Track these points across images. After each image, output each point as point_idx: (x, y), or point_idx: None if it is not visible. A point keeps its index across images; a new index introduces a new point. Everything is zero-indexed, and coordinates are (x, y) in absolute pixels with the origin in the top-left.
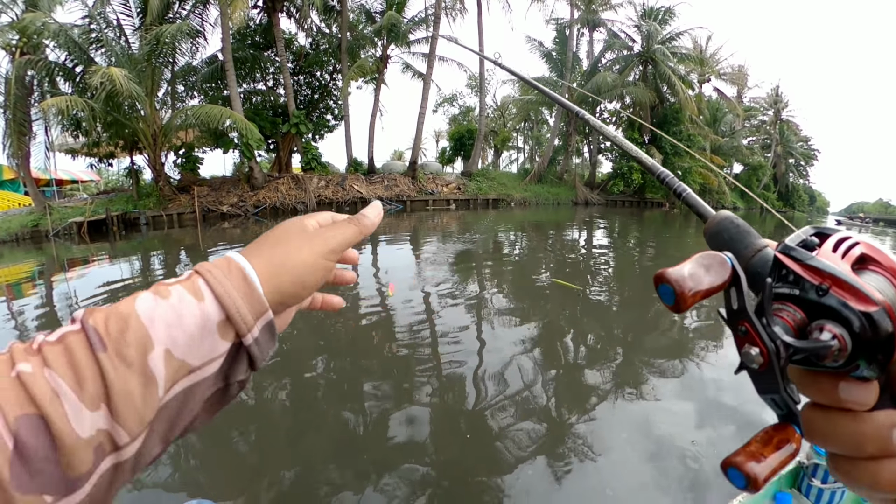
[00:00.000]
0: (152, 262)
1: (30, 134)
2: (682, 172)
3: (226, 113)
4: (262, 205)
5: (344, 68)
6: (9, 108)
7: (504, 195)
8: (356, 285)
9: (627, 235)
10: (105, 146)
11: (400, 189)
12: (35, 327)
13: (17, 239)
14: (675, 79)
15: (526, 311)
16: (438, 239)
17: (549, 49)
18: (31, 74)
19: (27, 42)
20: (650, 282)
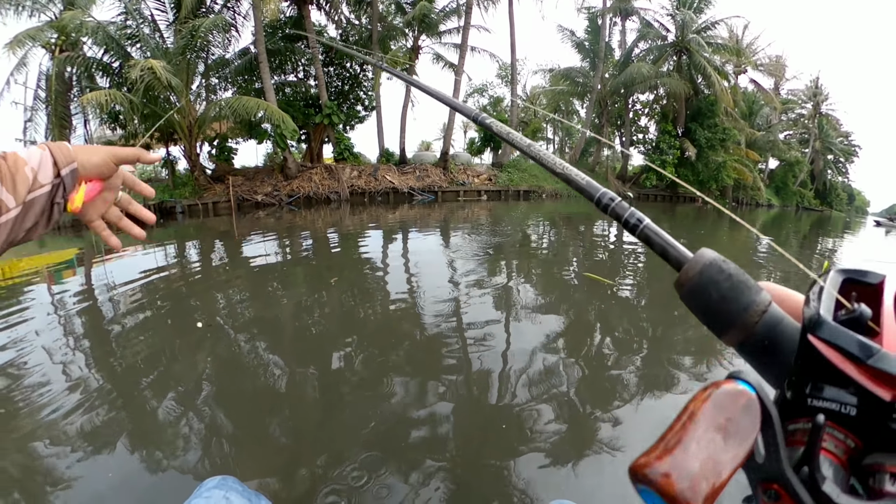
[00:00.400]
0: (188, 249)
1: (70, 128)
2: (715, 167)
3: (261, 104)
4: (295, 194)
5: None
6: (50, 104)
7: (535, 187)
8: (385, 272)
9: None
10: (141, 138)
11: (431, 180)
12: (76, 311)
13: (59, 227)
14: (710, 69)
15: (553, 304)
16: (468, 230)
17: (581, 39)
18: (69, 71)
19: (66, 40)
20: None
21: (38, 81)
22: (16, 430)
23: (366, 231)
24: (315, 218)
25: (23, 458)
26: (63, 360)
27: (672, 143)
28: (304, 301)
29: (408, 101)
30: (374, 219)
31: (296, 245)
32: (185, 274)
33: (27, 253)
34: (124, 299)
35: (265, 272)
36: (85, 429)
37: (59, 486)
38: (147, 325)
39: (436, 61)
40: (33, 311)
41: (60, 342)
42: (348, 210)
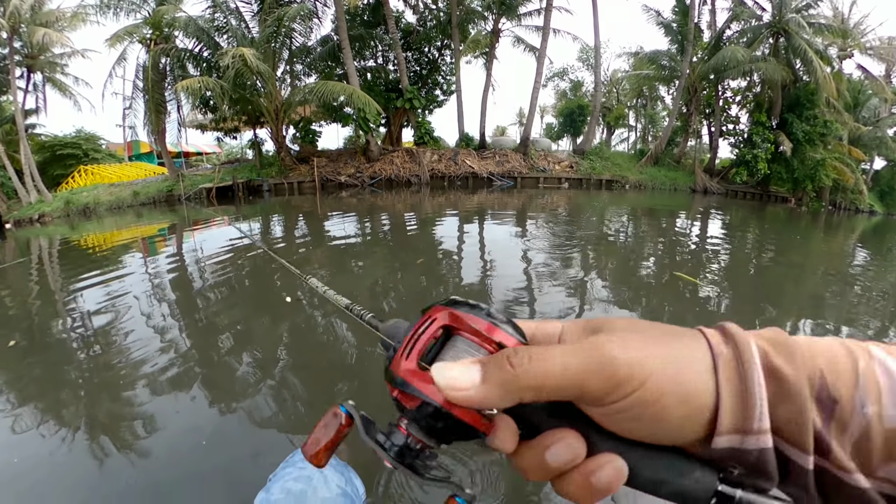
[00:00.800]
0: (273, 223)
1: (165, 113)
2: (812, 165)
3: (347, 89)
4: (377, 176)
5: (455, 43)
6: (147, 92)
7: (618, 176)
8: (459, 257)
9: (747, 232)
10: (230, 121)
11: (511, 165)
12: (170, 280)
13: (154, 202)
14: (811, 53)
15: (630, 300)
16: (547, 218)
17: (668, 20)
18: (163, 62)
19: (159, 34)
20: (765, 283)
21: (135, 73)
22: (108, 376)
23: (444, 215)
24: (395, 200)
25: (112, 402)
26: (152, 317)
27: (766, 136)
28: (380, 280)
29: (488, 85)
30: (453, 203)
31: (376, 225)
32: (269, 246)
33: (125, 225)
34: (210, 267)
35: (346, 249)
36: (172, 380)
37: (149, 431)
38: (229, 292)
39: (516, 44)
40: (129, 274)
41: (151, 303)
42: (428, 193)
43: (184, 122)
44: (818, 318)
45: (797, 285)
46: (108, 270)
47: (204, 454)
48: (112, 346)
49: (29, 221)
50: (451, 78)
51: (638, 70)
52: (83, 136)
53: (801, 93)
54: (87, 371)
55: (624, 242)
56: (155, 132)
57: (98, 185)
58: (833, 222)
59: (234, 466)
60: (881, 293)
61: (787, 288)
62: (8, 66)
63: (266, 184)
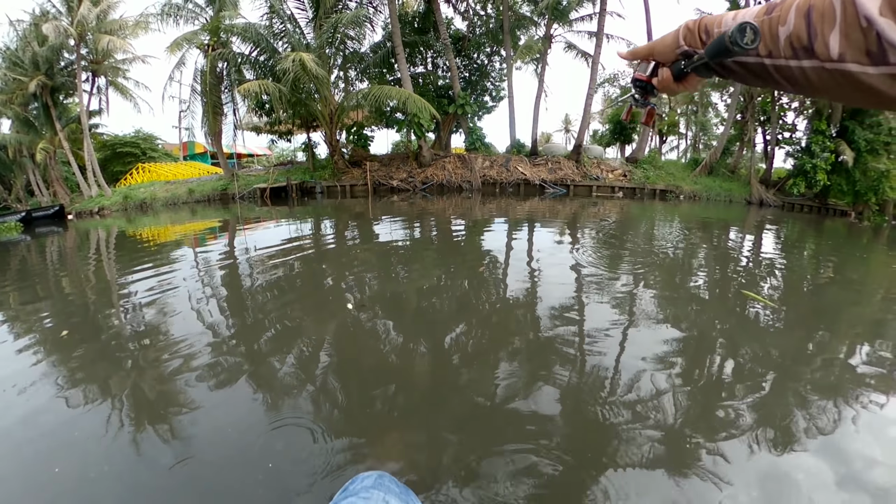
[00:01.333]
0: (324, 225)
1: (221, 115)
2: (876, 176)
3: (403, 93)
4: (429, 181)
5: (507, 49)
6: (205, 95)
7: (672, 186)
8: (506, 265)
9: (804, 247)
10: (284, 124)
11: (564, 173)
12: (221, 275)
13: (209, 199)
14: None
15: (674, 317)
16: (599, 229)
17: None
18: (220, 66)
19: (217, 40)
20: (822, 303)
21: (194, 77)
22: (157, 368)
23: (494, 222)
24: (447, 206)
25: (159, 392)
26: (200, 310)
27: (825, 145)
28: (425, 286)
29: (541, 91)
30: (504, 210)
31: (426, 230)
32: (319, 246)
33: (179, 220)
34: (258, 264)
35: (395, 252)
36: (214, 374)
37: (194, 424)
38: (277, 290)
39: (567, 50)
40: (181, 268)
41: (200, 296)
42: (479, 200)
43: (240, 124)
44: (876, 340)
45: (857, 306)
46: (162, 263)
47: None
48: (161, 339)
49: (89, 214)
50: (500, 84)
51: None
52: (141, 136)
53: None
54: (134, 366)
55: (681, 256)
56: (212, 133)
57: (154, 182)
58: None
59: (285, 485)
60: None
61: (846, 308)
62: (75, 71)
63: (319, 186)
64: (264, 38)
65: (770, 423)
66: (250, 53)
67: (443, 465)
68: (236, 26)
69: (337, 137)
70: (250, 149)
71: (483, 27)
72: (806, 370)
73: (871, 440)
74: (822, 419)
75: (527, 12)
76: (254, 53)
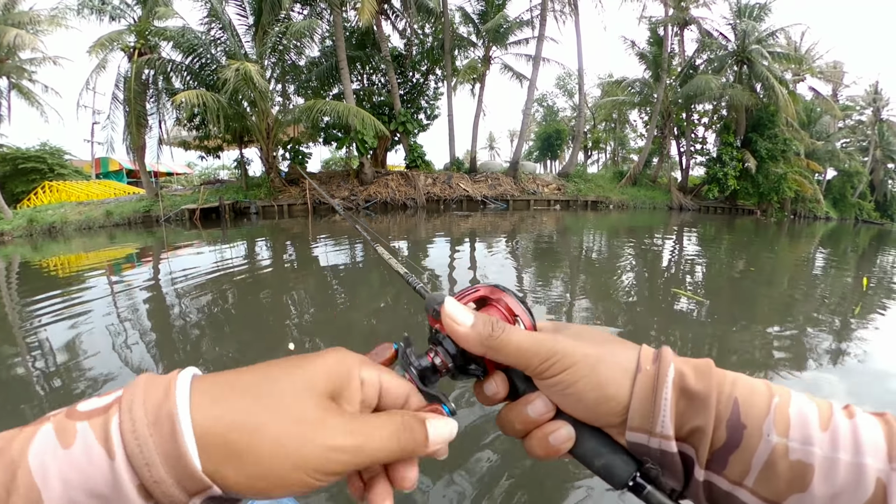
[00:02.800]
0: (259, 248)
1: (146, 127)
2: (776, 179)
3: (351, 109)
4: (373, 199)
5: (448, 68)
6: (130, 104)
7: (602, 197)
8: (453, 276)
9: (721, 244)
10: (214, 140)
11: (503, 188)
12: (146, 310)
13: (129, 223)
14: (773, 80)
15: (615, 314)
16: (538, 239)
17: (643, 49)
18: (146, 73)
19: (144, 43)
20: (741, 293)
21: (116, 83)
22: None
23: (458, 235)
24: (391, 223)
25: None
26: (124, 355)
27: (734, 155)
28: (373, 316)
29: (479, 111)
30: (454, 225)
31: (370, 251)
32: (256, 274)
33: (96, 247)
34: (182, 292)
35: (341, 277)
36: None
37: None
38: (211, 328)
39: (503, 71)
40: (94, 299)
41: (116, 328)
42: (424, 217)
43: (165, 138)
44: (785, 321)
45: (770, 289)
46: (75, 298)
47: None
48: (77, 380)
49: None
50: (434, 102)
51: (613, 96)
52: (48, 150)
53: (762, 114)
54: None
55: (613, 259)
56: (134, 147)
57: (64, 203)
58: (795, 230)
59: None
60: (834, 287)
61: (761, 293)
62: None
63: (254, 206)
64: (201, 44)
65: None
66: (184, 60)
67: None
68: (168, 30)
69: (273, 154)
70: (170, 167)
71: (420, 46)
72: (730, 349)
73: None
74: None
75: (464, 33)
76: (186, 61)
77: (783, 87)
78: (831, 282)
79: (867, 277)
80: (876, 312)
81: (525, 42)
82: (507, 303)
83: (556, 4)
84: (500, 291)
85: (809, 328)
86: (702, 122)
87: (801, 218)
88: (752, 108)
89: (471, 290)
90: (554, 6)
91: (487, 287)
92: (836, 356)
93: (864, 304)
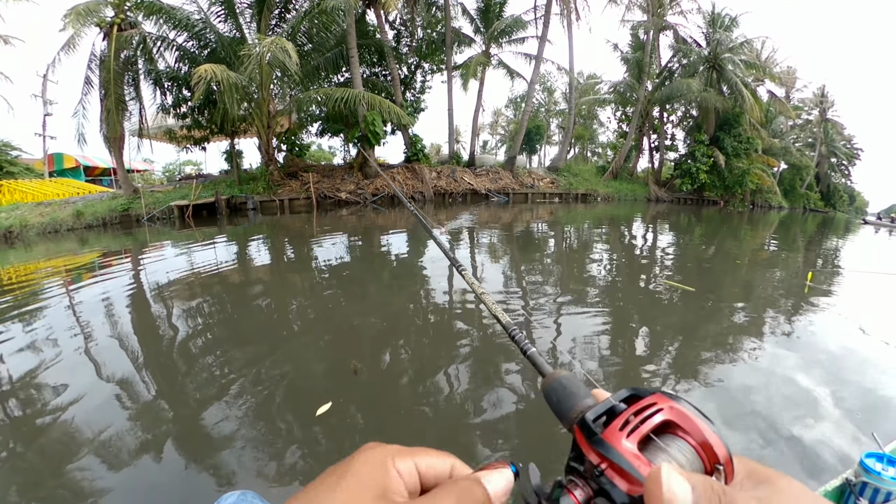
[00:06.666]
0: (258, 247)
1: (126, 114)
2: (740, 173)
3: (374, 99)
4: (380, 193)
5: (448, 64)
6: (109, 86)
7: (591, 190)
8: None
9: (692, 232)
10: (200, 130)
11: (504, 182)
12: (98, 307)
13: (104, 224)
14: (741, 86)
15: (596, 300)
16: (536, 228)
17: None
18: (125, 54)
19: (123, 18)
20: (708, 275)
21: (88, 64)
22: (27, 419)
23: (503, 225)
24: (397, 217)
25: (34, 448)
26: (79, 350)
27: (704, 152)
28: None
29: (478, 106)
30: (477, 217)
31: (376, 245)
32: (244, 271)
33: (66, 252)
34: (158, 294)
35: (351, 279)
36: (93, 425)
37: (71, 485)
38: (178, 325)
39: (496, 67)
40: (52, 309)
41: (77, 338)
42: (432, 210)
43: (145, 127)
44: (750, 295)
45: (736, 271)
46: (28, 303)
47: None
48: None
49: None
50: (420, 96)
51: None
52: None
53: (729, 115)
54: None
55: (611, 247)
56: (112, 136)
57: (19, 204)
58: (755, 218)
59: None
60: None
61: (727, 275)
62: None
63: (251, 201)
64: (201, 21)
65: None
66: (175, 38)
67: None
68: (156, 2)
69: (273, 145)
70: (129, 163)
71: (409, 39)
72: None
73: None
74: (716, 363)
75: (460, 28)
76: (180, 39)
77: (749, 91)
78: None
79: (812, 272)
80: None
81: (522, 41)
82: (697, 427)
83: (556, 7)
84: (680, 406)
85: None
86: (670, 119)
87: (759, 207)
88: (720, 109)
89: (646, 406)
90: (558, 9)
91: (667, 400)
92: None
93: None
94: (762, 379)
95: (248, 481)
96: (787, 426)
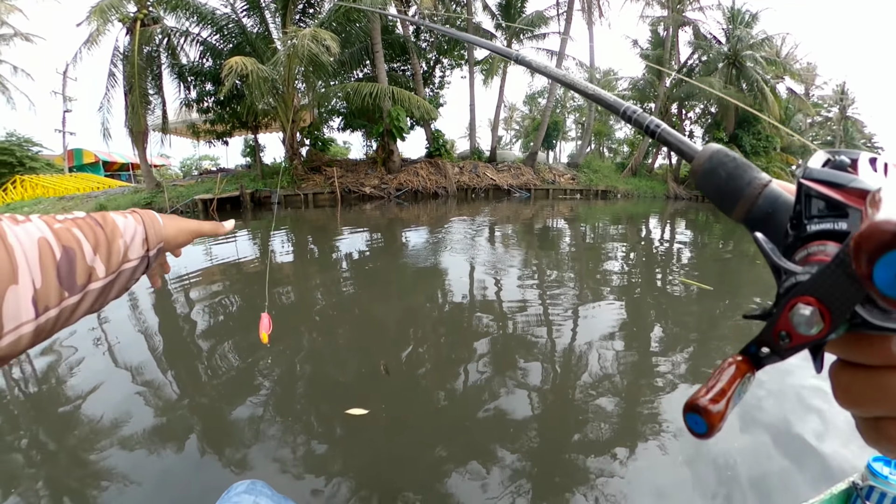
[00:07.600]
0: (286, 242)
1: (149, 108)
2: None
3: (403, 94)
4: (403, 188)
5: (470, 60)
6: (134, 81)
7: (611, 187)
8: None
9: (707, 229)
10: (221, 125)
11: (525, 178)
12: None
13: None
14: (762, 83)
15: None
16: (566, 226)
17: (645, 49)
18: (146, 48)
19: (146, 14)
20: (726, 274)
21: (111, 60)
22: (50, 415)
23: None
24: (420, 212)
25: (56, 439)
26: (101, 343)
27: None
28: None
29: (500, 102)
30: (494, 213)
31: (397, 241)
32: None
33: None
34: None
35: (377, 274)
36: (111, 416)
37: (90, 478)
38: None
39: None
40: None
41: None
42: (454, 205)
43: (165, 122)
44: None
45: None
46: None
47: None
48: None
49: None
50: (439, 91)
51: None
52: (17, 141)
53: (748, 112)
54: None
55: (636, 244)
56: (137, 130)
57: (41, 199)
58: None
59: None
60: None
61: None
62: None
63: (275, 195)
64: (224, 16)
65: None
66: (199, 33)
67: None
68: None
69: (297, 139)
70: (147, 159)
71: (429, 34)
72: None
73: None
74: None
75: (481, 24)
76: (204, 34)
77: (770, 89)
78: None
79: None
80: None
81: (543, 37)
82: None
83: (578, 3)
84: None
85: None
86: (688, 116)
87: None
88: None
89: (872, 157)
90: (580, 5)
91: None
92: None
93: None
94: (776, 377)
95: (259, 470)
96: (797, 427)
